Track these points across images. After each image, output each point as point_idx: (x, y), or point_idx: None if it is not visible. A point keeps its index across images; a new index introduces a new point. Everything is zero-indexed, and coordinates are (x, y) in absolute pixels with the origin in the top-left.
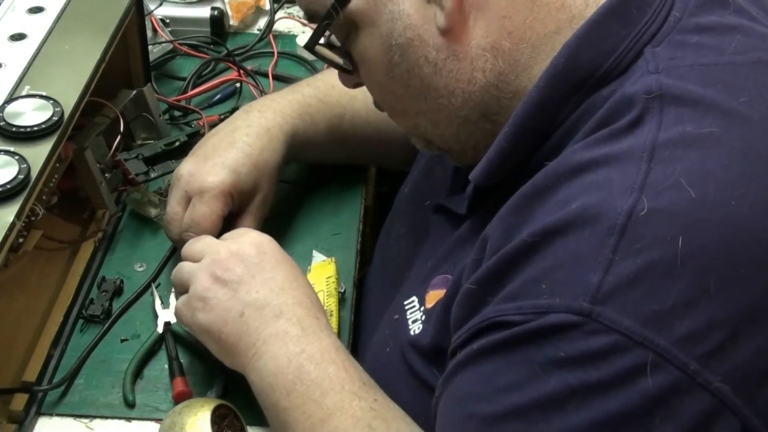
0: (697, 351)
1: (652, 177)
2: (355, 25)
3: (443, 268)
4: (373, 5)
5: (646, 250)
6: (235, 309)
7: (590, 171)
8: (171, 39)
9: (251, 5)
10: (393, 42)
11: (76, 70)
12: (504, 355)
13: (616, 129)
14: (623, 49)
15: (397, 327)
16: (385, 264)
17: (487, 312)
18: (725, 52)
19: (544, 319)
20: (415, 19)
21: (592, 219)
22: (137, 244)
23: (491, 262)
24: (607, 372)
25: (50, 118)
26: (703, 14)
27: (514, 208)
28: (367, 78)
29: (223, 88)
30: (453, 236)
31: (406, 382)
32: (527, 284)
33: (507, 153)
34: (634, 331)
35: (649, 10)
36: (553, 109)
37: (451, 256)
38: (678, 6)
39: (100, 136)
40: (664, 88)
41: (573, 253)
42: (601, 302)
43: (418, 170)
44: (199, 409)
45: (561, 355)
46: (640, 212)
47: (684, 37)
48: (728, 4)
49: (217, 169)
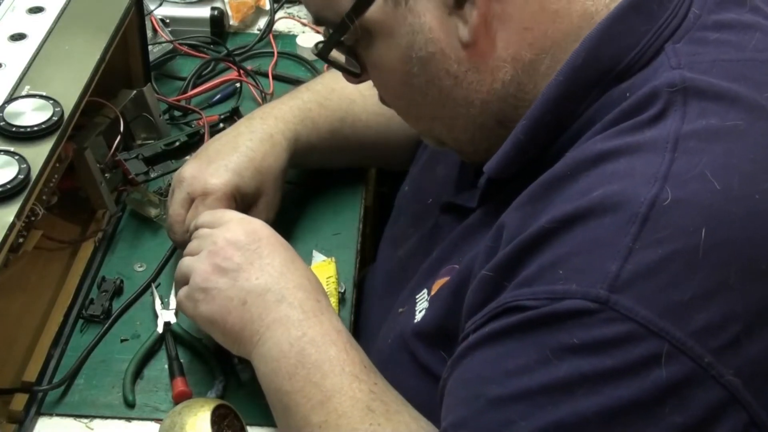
0: (713, 344)
1: (676, 167)
2: (369, 33)
3: (451, 260)
4: (392, 17)
5: (668, 241)
6: (237, 297)
7: (612, 160)
8: (171, 39)
9: (251, 5)
10: (413, 55)
11: (76, 70)
12: (516, 338)
13: (638, 121)
14: (644, 44)
15: (403, 319)
16: (392, 263)
17: (503, 297)
18: (746, 49)
19: (560, 305)
20: (437, 32)
21: (614, 207)
22: (137, 244)
23: (509, 248)
24: (621, 360)
25: (50, 118)
26: (721, 12)
27: (532, 196)
28: (379, 83)
29: (223, 88)
30: (461, 228)
31: (409, 371)
32: (544, 270)
33: (523, 145)
34: (651, 321)
35: (669, 6)
36: (571, 103)
37: (459, 246)
38: (697, 3)
39: (100, 136)
40: (687, 81)
41: (592, 240)
42: (619, 290)
43: (417, 168)
44: (199, 409)
45: (575, 342)
46: (664, 201)
47: (704, 34)
48: (744, 2)
49: (221, 171)
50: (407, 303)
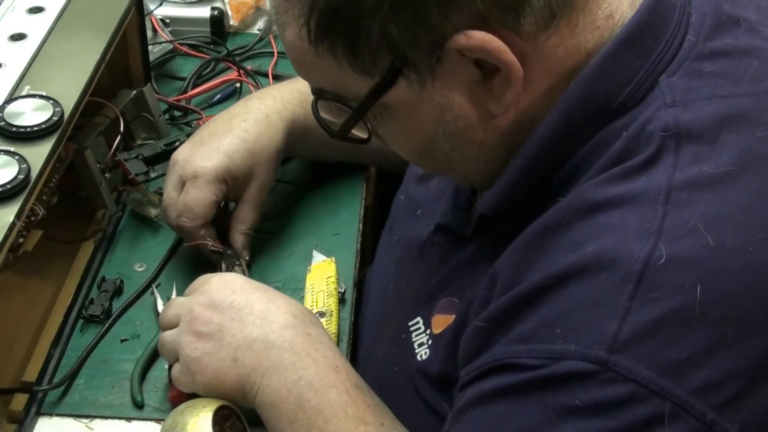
0: (715, 400)
1: (668, 222)
2: (387, 110)
3: (448, 290)
4: (416, 97)
5: (664, 299)
6: (228, 356)
7: (605, 211)
8: (171, 39)
9: (251, 5)
10: (440, 130)
11: (76, 70)
12: (517, 398)
13: (630, 167)
14: (638, 80)
15: (404, 348)
16: (388, 268)
17: (497, 352)
18: (741, 81)
19: (559, 366)
20: (465, 109)
21: (608, 264)
22: (137, 244)
23: (502, 301)
24: (625, 421)
25: (50, 118)
26: (717, 37)
27: (525, 245)
28: (395, 147)
29: (223, 88)
30: (457, 258)
31: (414, 405)
32: (540, 327)
33: (517, 184)
34: (652, 381)
35: (663, 39)
36: (566, 142)
37: (456, 279)
38: (693, 29)
39: (100, 136)
40: (681, 125)
41: (588, 299)
42: (618, 351)
43: (411, 179)
44: (201, 409)
45: (576, 403)
46: (658, 260)
47: (700, 65)
48: (739, 23)
49: (212, 154)
50: (404, 331)
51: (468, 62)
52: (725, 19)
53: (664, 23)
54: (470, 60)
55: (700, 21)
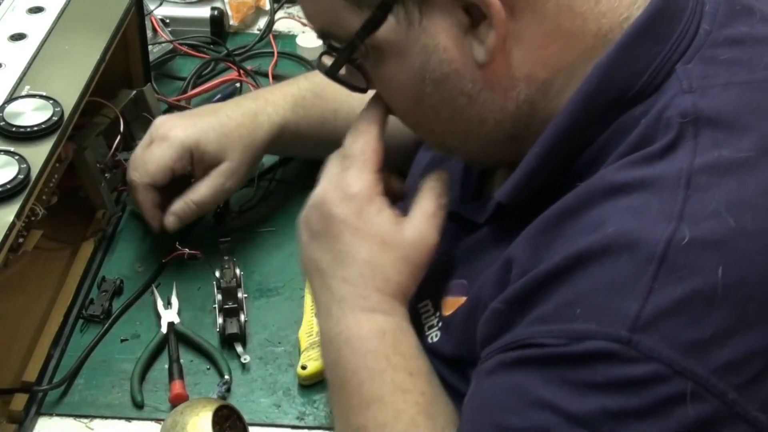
0: (736, 380)
1: (690, 205)
2: (379, 52)
3: (458, 273)
4: (404, 37)
5: (687, 279)
6: (307, 259)
7: (626, 194)
8: (171, 39)
9: (251, 5)
10: (426, 75)
11: (76, 70)
12: (538, 371)
13: (649, 153)
14: (655, 67)
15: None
16: None
17: (517, 333)
18: (757, 68)
19: (581, 345)
20: (451, 53)
21: (630, 245)
22: (137, 244)
23: (521, 282)
24: (647, 400)
25: (50, 118)
26: (732, 25)
27: (543, 228)
28: (388, 99)
29: (223, 88)
30: (467, 241)
31: None
32: (561, 308)
33: (536, 173)
34: (674, 360)
35: (678, 26)
36: (585, 130)
37: (467, 262)
38: (707, 18)
39: (100, 136)
40: (699, 110)
41: (609, 279)
42: (641, 331)
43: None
44: (201, 409)
45: (599, 379)
46: (681, 241)
47: (715, 52)
48: (754, 12)
49: (188, 125)
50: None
51: (456, 6)
52: (739, 8)
53: (680, 11)
54: (459, 5)
55: (714, 10)
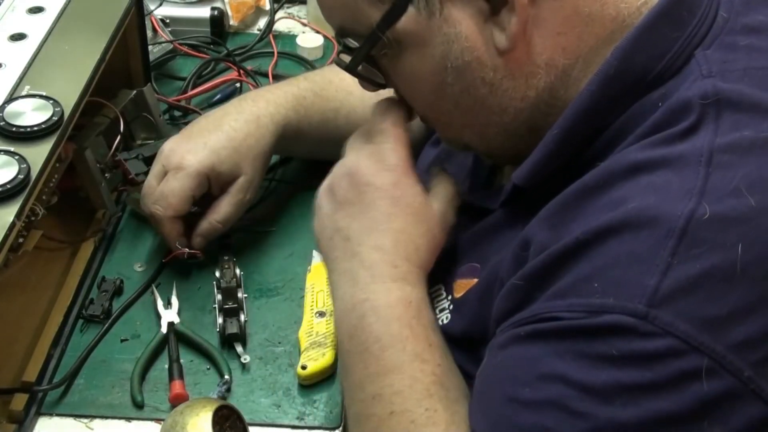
0: (752, 357)
1: (711, 182)
2: (399, 44)
3: (468, 257)
4: (425, 27)
5: (706, 256)
6: (329, 228)
7: (647, 172)
8: (171, 39)
9: (251, 5)
10: (448, 64)
11: (76, 70)
12: (552, 344)
13: (671, 134)
14: (675, 52)
15: None
16: None
17: (535, 308)
18: None
19: (598, 319)
20: (473, 41)
21: (650, 220)
22: (137, 244)
23: (540, 258)
24: (662, 374)
25: (50, 118)
26: (749, 13)
27: (562, 206)
28: (408, 93)
29: (223, 88)
30: (476, 228)
31: None
32: (579, 282)
33: (553, 155)
34: (691, 336)
35: (698, 12)
36: (603, 113)
37: (479, 246)
38: (724, 6)
39: (100, 136)
40: (720, 92)
41: (628, 254)
42: (658, 305)
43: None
44: (201, 409)
45: (614, 353)
46: (702, 217)
47: (734, 39)
48: None
49: (198, 149)
50: None
51: None
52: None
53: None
54: None
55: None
